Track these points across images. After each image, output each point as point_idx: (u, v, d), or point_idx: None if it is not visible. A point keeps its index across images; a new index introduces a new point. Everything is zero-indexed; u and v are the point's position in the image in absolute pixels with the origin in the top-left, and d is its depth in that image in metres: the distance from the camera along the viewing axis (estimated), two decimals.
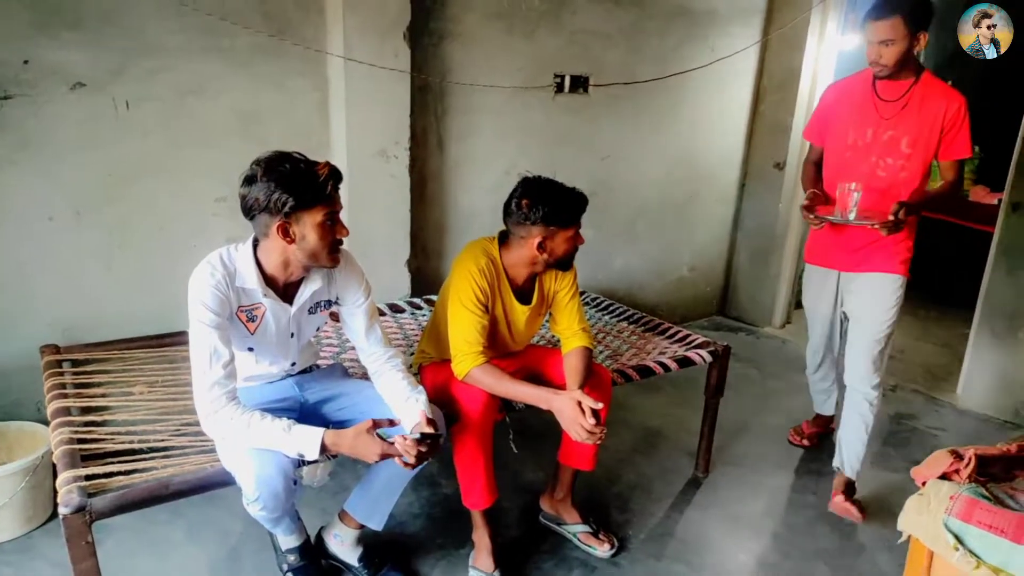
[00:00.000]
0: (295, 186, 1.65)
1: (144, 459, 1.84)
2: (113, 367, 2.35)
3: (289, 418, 1.93)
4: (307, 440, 1.69)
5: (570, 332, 2.24)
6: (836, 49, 4.05)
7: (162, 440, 1.95)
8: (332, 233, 1.75)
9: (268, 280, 1.81)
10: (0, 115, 2.26)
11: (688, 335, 2.80)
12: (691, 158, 4.18)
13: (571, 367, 2.15)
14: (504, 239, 2.19)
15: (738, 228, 4.57)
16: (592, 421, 1.98)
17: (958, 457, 1.70)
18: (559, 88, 3.50)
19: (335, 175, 1.72)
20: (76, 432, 1.89)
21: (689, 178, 4.22)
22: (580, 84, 3.58)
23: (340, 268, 1.90)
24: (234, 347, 1.78)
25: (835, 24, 3.99)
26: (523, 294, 2.24)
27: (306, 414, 1.99)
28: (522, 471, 2.77)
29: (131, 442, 1.92)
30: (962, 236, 4.66)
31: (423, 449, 1.74)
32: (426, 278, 3.31)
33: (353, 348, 2.32)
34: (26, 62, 2.27)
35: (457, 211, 3.37)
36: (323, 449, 1.70)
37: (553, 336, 2.84)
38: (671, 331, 2.86)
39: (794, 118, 4.13)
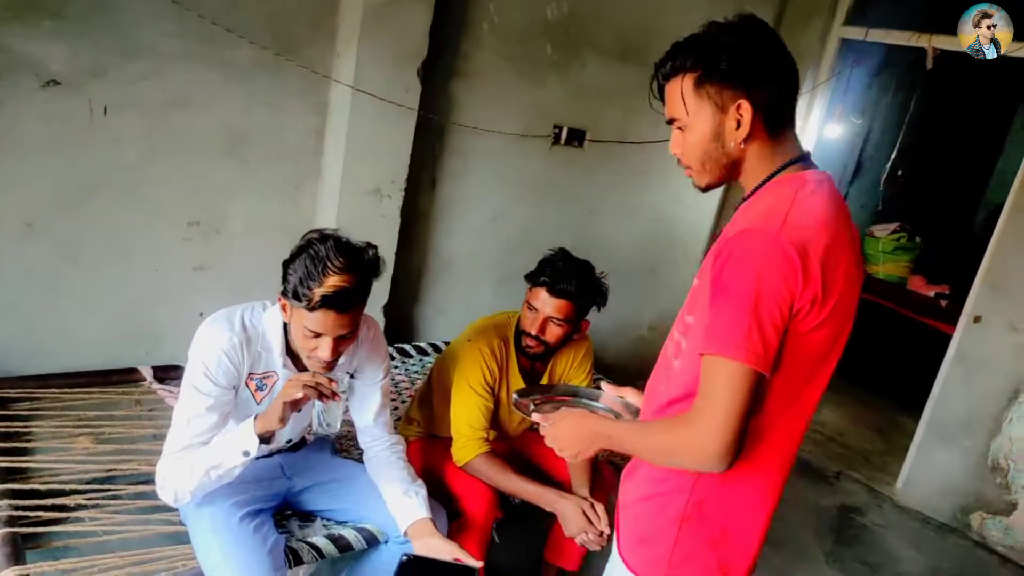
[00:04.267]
0: (296, 272, 1.47)
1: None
2: (49, 407, 2.05)
3: (272, 505, 1.73)
4: (242, 433, 1.48)
5: None
6: (816, 136, 4.13)
7: (106, 527, 1.65)
8: (311, 346, 1.52)
9: (289, 348, 1.62)
10: None
11: None
12: (667, 222, 4.15)
13: (577, 466, 2.03)
14: None
15: None
16: (599, 530, 1.88)
17: None
18: (556, 139, 3.38)
19: (339, 296, 1.44)
20: None
21: (661, 242, 4.19)
22: (576, 137, 3.47)
23: (367, 339, 1.74)
24: (234, 420, 1.59)
25: (820, 112, 4.06)
26: (533, 377, 2.12)
27: (292, 502, 1.78)
28: (500, 559, 2.58)
29: (65, 523, 1.63)
30: (897, 322, 4.84)
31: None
32: (398, 323, 3.10)
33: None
34: None
35: (438, 255, 3.19)
36: (258, 429, 1.47)
37: None
38: None
39: None
